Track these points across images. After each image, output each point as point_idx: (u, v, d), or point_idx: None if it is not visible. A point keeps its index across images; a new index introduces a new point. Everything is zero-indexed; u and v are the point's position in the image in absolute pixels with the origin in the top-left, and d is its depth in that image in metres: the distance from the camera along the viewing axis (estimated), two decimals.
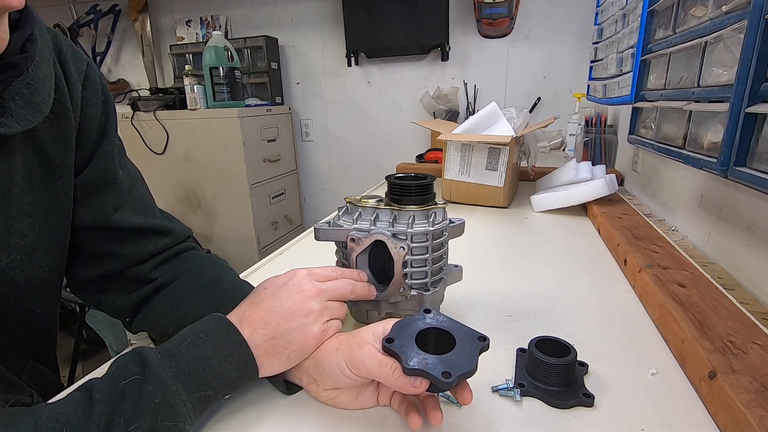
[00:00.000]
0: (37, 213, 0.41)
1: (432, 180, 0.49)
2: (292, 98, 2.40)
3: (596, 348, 0.46)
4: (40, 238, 0.42)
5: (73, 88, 0.43)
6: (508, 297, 0.59)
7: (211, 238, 2.12)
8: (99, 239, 0.47)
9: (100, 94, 0.47)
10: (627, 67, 0.88)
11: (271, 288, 0.40)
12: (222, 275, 0.49)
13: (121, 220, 0.47)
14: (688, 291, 0.51)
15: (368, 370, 0.34)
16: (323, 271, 0.42)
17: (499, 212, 1.02)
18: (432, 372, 0.31)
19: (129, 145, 2.07)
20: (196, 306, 0.45)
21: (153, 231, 0.50)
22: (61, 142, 0.42)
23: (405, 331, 0.35)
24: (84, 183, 0.46)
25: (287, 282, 0.40)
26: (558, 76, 2.00)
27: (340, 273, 0.44)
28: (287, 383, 0.40)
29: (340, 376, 0.36)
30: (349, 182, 2.47)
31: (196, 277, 0.49)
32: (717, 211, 0.68)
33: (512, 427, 0.36)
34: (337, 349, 0.37)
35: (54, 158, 0.42)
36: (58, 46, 0.43)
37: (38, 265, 0.43)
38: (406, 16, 1.96)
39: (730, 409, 0.33)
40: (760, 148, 0.44)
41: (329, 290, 0.40)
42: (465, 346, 0.34)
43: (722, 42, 0.52)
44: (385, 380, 0.34)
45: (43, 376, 0.50)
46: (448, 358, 0.32)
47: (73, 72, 0.43)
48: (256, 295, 0.40)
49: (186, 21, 2.37)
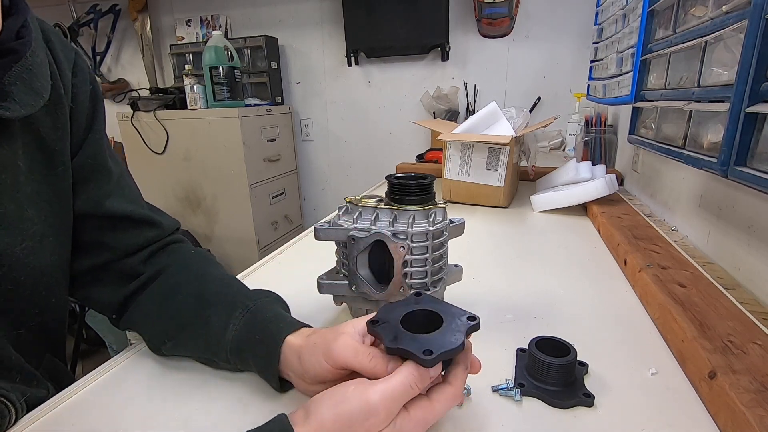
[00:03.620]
0: (41, 201, 0.41)
1: (432, 180, 0.49)
2: (292, 98, 2.40)
3: (596, 348, 0.46)
4: (47, 226, 0.42)
5: (64, 75, 0.43)
6: (508, 297, 0.59)
7: (211, 238, 2.12)
8: (91, 228, 0.47)
9: (88, 81, 0.47)
10: (627, 66, 0.88)
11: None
12: (209, 270, 0.49)
13: (113, 207, 0.47)
14: (688, 291, 0.51)
15: (345, 360, 0.33)
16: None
17: (499, 212, 1.02)
18: (411, 349, 0.29)
19: (129, 144, 2.08)
20: (183, 300, 0.45)
21: (143, 221, 0.49)
22: (57, 129, 0.42)
23: (391, 313, 0.34)
24: (76, 169, 0.45)
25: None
26: (558, 76, 2.00)
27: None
28: (281, 380, 0.39)
29: (319, 370, 0.35)
30: (349, 182, 2.47)
31: (183, 271, 0.49)
32: (717, 211, 0.68)
33: (512, 427, 0.36)
34: (315, 344, 0.36)
35: (53, 145, 0.42)
36: (46, 34, 0.42)
37: (49, 253, 0.43)
38: (406, 16, 1.96)
39: (730, 409, 0.33)
40: (760, 148, 0.44)
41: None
42: (452, 326, 0.32)
43: (722, 42, 0.52)
44: (361, 368, 0.32)
45: (58, 370, 0.50)
46: (433, 338, 0.31)
47: (62, 59, 0.43)
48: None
49: (186, 21, 2.37)
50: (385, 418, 0.29)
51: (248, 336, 0.40)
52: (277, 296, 0.46)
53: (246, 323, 0.41)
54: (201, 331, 0.42)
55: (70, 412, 0.40)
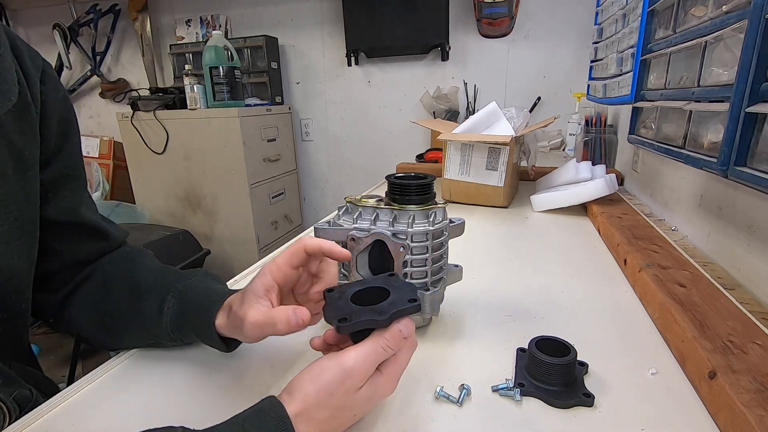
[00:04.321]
0: (10, 203, 0.41)
1: (432, 180, 0.49)
2: (292, 98, 2.40)
3: (596, 348, 0.46)
4: (15, 229, 0.42)
5: (32, 82, 0.43)
6: (508, 297, 0.59)
7: (211, 237, 2.12)
8: (52, 235, 0.48)
9: (59, 89, 0.47)
10: (627, 66, 0.88)
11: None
12: (141, 261, 0.51)
13: (85, 216, 0.49)
14: (688, 291, 0.51)
15: (261, 328, 0.36)
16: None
17: (499, 212, 1.02)
18: (366, 317, 0.32)
19: (129, 144, 2.08)
20: (116, 294, 0.47)
21: (101, 232, 0.51)
22: (25, 134, 0.43)
23: (345, 291, 0.37)
24: (51, 178, 0.46)
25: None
26: (558, 76, 2.00)
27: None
28: (226, 342, 0.42)
29: (248, 338, 0.38)
30: (349, 182, 2.47)
31: (115, 265, 0.51)
32: (717, 211, 0.68)
33: (512, 426, 0.36)
34: (235, 326, 0.39)
35: (22, 149, 0.42)
36: (11, 40, 0.42)
37: (16, 256, 0.43)
38: (406, 16, 1.96)
39: (730, 409, 0.33)
40: (760, 148, 0.44)
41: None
42: (401, 293, 0.35)
43: (722, 42, 0.52)
44: (274, 321, 0.36)
45: (29, 375, 0.49)
46: (384, 304, 0.34)
47: (29, 66, 0.43)
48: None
49: (186, 21, 2.37)
50: (361, 378, 0.32)
51: (182, 318, 0.43)
52: (206, 271, 0.49)
53: (179, 305, 0.44)
54: (137, 322, 0.45)
55: (70, 412, 0.39)
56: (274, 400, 0.31)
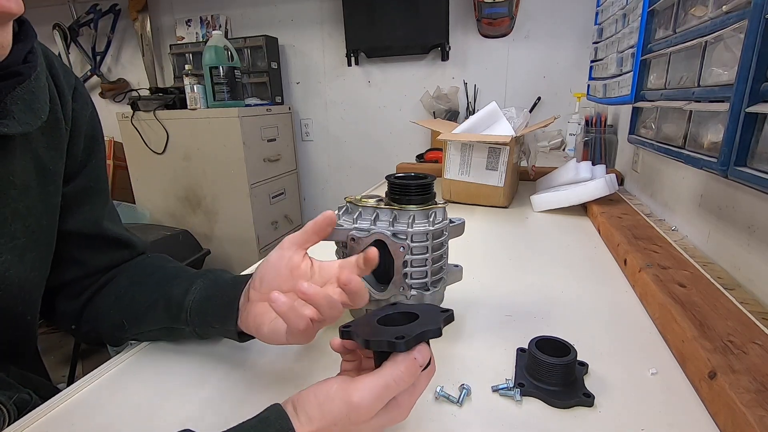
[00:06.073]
0: (30, 216, 0.43)
1: (432, 180, 0.49)
2: (292, 98, 2.40)
3: (596, 348, 0.46)
4: (31, 241, 0.43)
5: (65, 99, 0.45)
6: (508, 297, 0.59)
7: (211, 237, 2.12)
8: (75, 245, 0.49)
9: (88, 107, 0.49)
10: (627, 66, 0.88)
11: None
12: (163, 264, 0.52)
13: (108, 228, 0.50)
14: (688, 291, 0.51)
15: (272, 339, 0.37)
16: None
17: (499, 212, 1.02)
18: (384, 338, 0.30)
19: (129, 144, 2.08)
20: (141, 291, 0.48)
21: (124, 243, 0.53)
22: (52, 149, 0.44)
23: (366, 318, 0.35)
24: (74, 192, 0.48)
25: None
26: (558, 76, 2.00)
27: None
28: (241, 334, 0.42)
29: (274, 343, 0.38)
30: (349, 182, 2.47)
31: (138, 267, 0.52)
32: (717, 210, 0.68)
33: (512, 427, 0.36)
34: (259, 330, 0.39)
35: (48, 164, 0.44)
36: (49, 60, 0.45)
37: (29, 267, 0.44)
38: (406, 16, 1.96)
39: (730, 409, 0.33)
40: (760, 148, 0.44)
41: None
42: (427, 318, 0.33)
43: (722, 42, 0.52)
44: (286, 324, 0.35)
45: (28, 380, 0.50)
46: (408, 327, 0.32)
47: (64, 85, 0.46)
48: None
49: (186, 21, 2.37)
50: (368, 414, 0.30)
51: (206, 302, 0.44)
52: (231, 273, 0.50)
53: (205, 289, 0.45)
54: (161, 303, 0.46)
55: (70, 412, 0.40)
56: (280, 411, 0.30)
